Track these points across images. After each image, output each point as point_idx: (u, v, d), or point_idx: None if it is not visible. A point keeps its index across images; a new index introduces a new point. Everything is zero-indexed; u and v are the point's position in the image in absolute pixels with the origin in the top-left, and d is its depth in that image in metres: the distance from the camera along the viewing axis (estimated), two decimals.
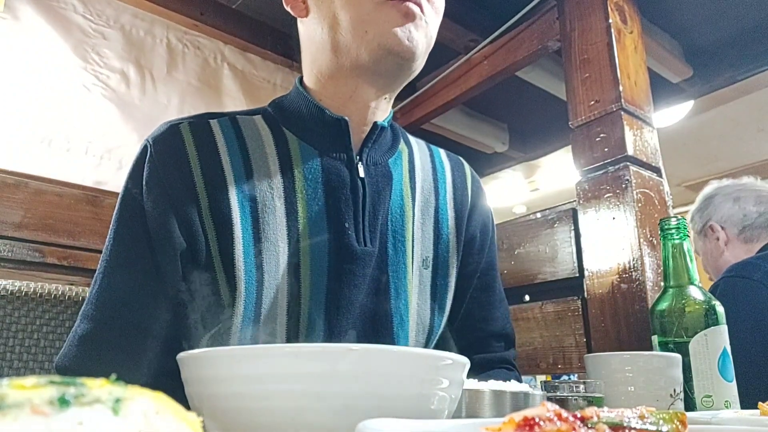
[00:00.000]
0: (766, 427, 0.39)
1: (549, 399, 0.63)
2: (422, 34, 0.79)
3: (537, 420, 0.26)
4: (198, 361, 0.42)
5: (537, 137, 2.80)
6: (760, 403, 0.54)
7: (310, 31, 0.86)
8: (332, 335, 0.79)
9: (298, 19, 0.89)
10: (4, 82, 1.64)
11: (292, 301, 0.78)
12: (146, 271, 0.75)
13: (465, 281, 0.96)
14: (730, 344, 0.86)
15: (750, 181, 1.80)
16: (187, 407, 0.30)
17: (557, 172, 4.00)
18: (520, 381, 0.60)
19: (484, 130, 2.69)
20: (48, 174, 1.63)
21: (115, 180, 1.78)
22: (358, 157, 0.86)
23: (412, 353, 0.42)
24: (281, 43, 2.23)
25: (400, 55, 0.79)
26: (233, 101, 2.16)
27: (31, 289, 1.00)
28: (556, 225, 1.67)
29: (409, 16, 0.78)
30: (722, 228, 1.75)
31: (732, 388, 0.83)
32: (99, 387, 0.21)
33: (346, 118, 0.84)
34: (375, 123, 0.87)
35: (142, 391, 0.22)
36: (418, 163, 0.95)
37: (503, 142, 2.77)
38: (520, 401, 0.56)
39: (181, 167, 0.78)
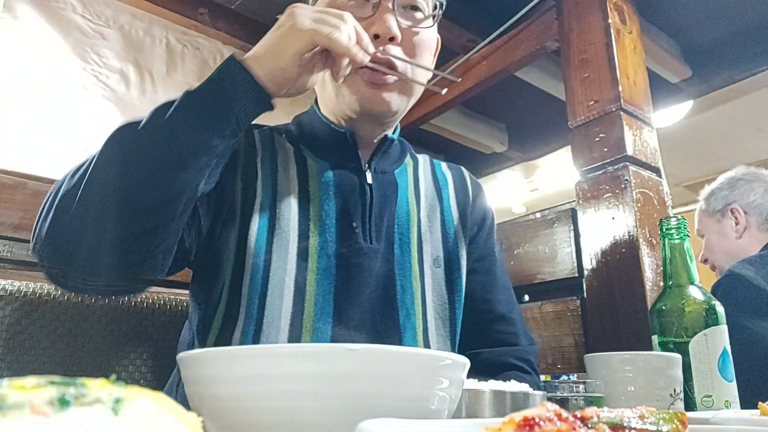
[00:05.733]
0: (766, 427, 0.39)
1: (549, 399, 0.63)
2: (395, 93, 0.88)
3: (537, 420, 0.26)
4: (198, 361, 0.42)
5: (536, 137, 2.80)
6: (760, 403, 0.54)
7: None
8: (341, 324, 0.84)
9: None
10: (3, 82, 1.64)
11: (298, 287, 0.84)
12: None
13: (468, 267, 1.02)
14: (731, 343, 0.86)
15: None
16: (187, 407, 0.30)
17: (556, 172, 3.99)
18: (537, 386, 0.59)
19: (483, 130, 2.70)
20: (47, 174, 1.63)
21: None
22: (367, 166, 0.95)
23: (411, 353, 0.42)
24: None
25: (375, 114, 0.89)
26: None
27: (31, 290, 1.00)
28: (555, 225, 1.67)
29: (376, 85, 0.86)
30: (745, 213, 1.72)
31: (732, 388, 0.83)
32: (99, 387, 0.21)
33: (351, 130, 0.93)
34: (386, 135, 0.96)
35: (142, 391, 0.22)
36: (422, 175, 1.04)
37: (502, 143, 2.77)
38: (520, 401, 0.56)
39: (233, 155, 0.87)
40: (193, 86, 0.74)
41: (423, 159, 1.08)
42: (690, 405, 0.82)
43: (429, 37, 0.93)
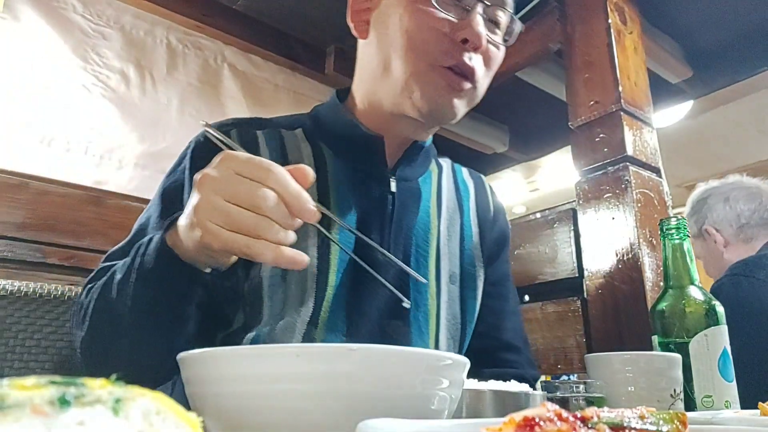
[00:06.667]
0: (766, 427, 0.39)
1: (549, 399, 0.63)
2: (466, 102, 0.85)
3: (537, 420, 0.26)
4: (199, 361, 0.42)
5: (537, 138, 2.80)
6: (760, 403, 0.54)
7: (366, 56, 0.90)
8: (351, 339, 0.80)
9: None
10: (3, 82, 1.64)
11: (317, 300, 0.80)
12: None
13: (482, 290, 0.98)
14: (734, 343, 0.86)
15: (737, 179, 1.77)
16: (187, 407, 0.30)
17: (557, 172, 3.99)
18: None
19: (485, 130, 2.70)
20: (48, 174, 1.63)
21: (115, 180, 1.78)
22: (392, 172, 0.90)
23: (412, 353, 0.42)
24: (283, 44, 2.23)
25: (442, 119, 0.85)
26: (234, 102, 2.16)
27: (32, 290, 1.00)
28: (555, 225, 1.67)
29: (457, 89, 0.82)
30: (717, 231, 1.73)
31: (732, 388, 0.83)
32: (99, 387, 0.21)
33: (382, 135, 0.88)
34: (415, 141, 0.91)
35: (143, 391, 0.22)
36: (445, 183, 0.99)
37: (503, 143, 2.77)
38: (521, 401, 0.56)
39: None
40: (144, 261, 0.68)
41: (446, 165, 1.04)
42: (690, 405, 0.82)
43: (501, 56, 0.90)
